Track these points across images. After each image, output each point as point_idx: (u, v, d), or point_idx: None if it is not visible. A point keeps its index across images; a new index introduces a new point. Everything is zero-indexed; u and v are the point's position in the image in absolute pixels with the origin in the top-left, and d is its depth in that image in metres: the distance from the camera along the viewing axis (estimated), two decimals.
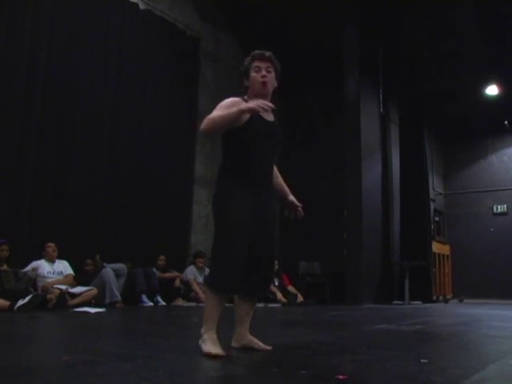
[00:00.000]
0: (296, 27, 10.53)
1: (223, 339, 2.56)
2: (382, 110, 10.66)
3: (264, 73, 2.67)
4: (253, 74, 2.68)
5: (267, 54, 2.71)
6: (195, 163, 9.58)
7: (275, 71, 2.72)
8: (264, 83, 2.66)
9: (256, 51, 2.74)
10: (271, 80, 2.69)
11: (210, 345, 2.39)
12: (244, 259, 2.48)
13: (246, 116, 2.55)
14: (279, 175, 2.93)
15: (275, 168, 2.85)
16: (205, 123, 2.48)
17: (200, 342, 2.43)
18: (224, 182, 2.60)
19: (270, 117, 2.71)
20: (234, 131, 2.56)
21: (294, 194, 2.94)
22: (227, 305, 2.54)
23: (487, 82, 11.58)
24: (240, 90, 2.76)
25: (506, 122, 13.13)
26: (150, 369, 2.07)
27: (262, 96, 2.66)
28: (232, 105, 2.56)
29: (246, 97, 2.70)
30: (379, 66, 10.47)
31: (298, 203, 2.90)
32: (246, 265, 2.50)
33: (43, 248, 6.40)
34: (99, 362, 2.23)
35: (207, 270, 6.90)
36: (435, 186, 13.98)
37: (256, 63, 2.68)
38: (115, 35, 8.20)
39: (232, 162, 2.61)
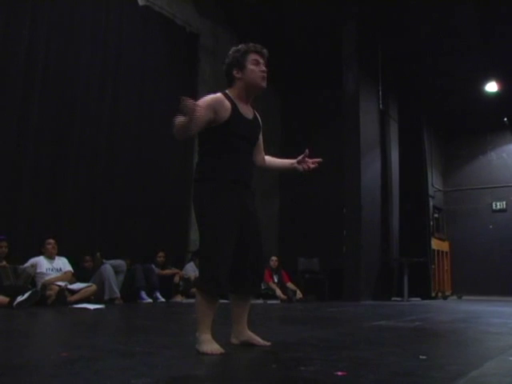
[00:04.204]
0: (294, 23, 10.51)
1: (222, 336, 2.56)
2: (381, 106, 10.65)
3: (264, 68, 2.62)
4: (251, 67, 2.59)
5: (264, 50, 2.65)
6: (194, 159, 9.57)
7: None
8: (264, 77, 2.61)
9: (251, 44, 2.66)
10: (267, 77, 2.64)
11: (206, 345, 2.37)
12: (231, 259, 2.46)
13: (225, 115, 2.49)
14: (273, 158, 2.90)
15: (265, 156, 2.85)
16: (173, 127, 2.38)
17: (196, 346, 2.41)
18: (203, 183, 2.55)
19: (249, 114, 2.66)
20: (212, 131, 2.51)
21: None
22: (223, 301, 2.53)
23: (487, 79, 11.57)
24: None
25: (505, 119, 13.11)
26: (149, 365, 2.07)
27: (258, 89, 2.62)
28: (209, 105, 2.47)
29: (227, 91, 2.63)
30: (378, 62, 10.45)
31: (302, 156, 2.77)
32: (237, 263, 2.49)
33: (43, 244, 6.39)
34: (98, 358, 2.23)
35: None
36: (434, 182, 13.98)
37: (254, 56, 2.61)
38: (114, 31, 8.19)
39: (210, 162, 2.56)
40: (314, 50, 10.79)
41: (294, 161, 2.80)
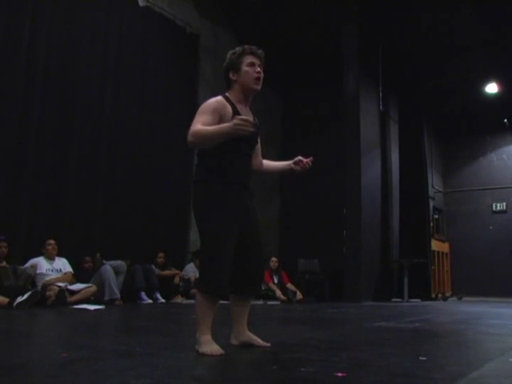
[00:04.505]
0: (295, 24, 10.51)
1: (222, 337, 2.56)
2: (381, 107, 10.64)
3: (259, 69, 2.62)
4: (246, 68, 2.60)
5: (260, 51, 2.66)
6: (194, 160, 9.56)
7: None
8: (259, 79, 2.62)
9: (246, 46, 2.67)
10: (262, 79, 2.64)
11: (206, 346, 2.38)
12: (231, 260, 2.46)
13: (227, 119, 2.49)
14: (270, 161, 2.94)
15: (262, 160, 2.88)
16: (192, 136, 2.39)
17: (196, 346, 2.41)
18: (203, 184, 2.57)
19: (249, 117, 2.64)
20: None
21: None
22: (223, 302, 2.53)
23: (487, 80, 11.57)
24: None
25: (505, 120, 13.12)
26: (149, 365, 2.07)
27: (252, 91, 2.64)
28: (215, 109, 2.49)
29: (227, 94, 2.64)
30: (379, 63, 10.45)
31: (297, 158, 2.81)
32: (237, 264, 2.49)
33: (43, 245, 6.39)
34: (98, 358, 2.23)
35: None
36: (434, 183, 13.98)
37: (249, 58, 2.61)
38: (115, 32, 8.19)
39: (211, 163, 2.57)
40: (314, 51, 10.79)
41: (290, 162, 2.83)
